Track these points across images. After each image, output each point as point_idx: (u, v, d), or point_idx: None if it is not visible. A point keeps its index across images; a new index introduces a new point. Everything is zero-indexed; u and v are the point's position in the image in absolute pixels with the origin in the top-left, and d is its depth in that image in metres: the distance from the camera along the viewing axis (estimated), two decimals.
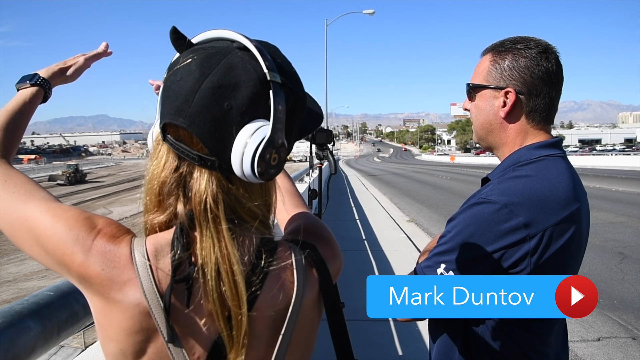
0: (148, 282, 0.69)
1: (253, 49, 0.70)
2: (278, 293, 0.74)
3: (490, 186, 1.13)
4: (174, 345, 0.70)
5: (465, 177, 30.59)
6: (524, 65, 1.16)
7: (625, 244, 8.59)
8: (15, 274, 15.45)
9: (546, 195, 1.08)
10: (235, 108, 0.68)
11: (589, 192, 1.29)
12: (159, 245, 0.72)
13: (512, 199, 1.06)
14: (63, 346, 7.85)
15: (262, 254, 0.74)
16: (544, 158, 1.15)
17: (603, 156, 50.22)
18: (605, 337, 4.68)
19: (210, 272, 0.69)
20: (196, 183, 0.71)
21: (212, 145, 0.69)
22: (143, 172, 0.79)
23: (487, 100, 1.21)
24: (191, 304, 0.70)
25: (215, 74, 0.68)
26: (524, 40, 1.18)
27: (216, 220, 0.71)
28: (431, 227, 11.49)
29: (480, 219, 1.07)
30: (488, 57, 1.22)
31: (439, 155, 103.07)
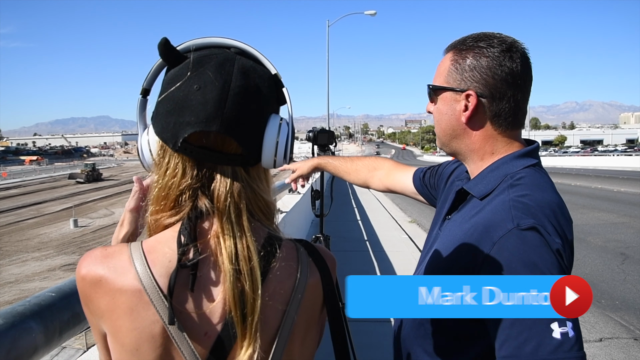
0: (143, 269, 0.71)
1: (255, 52, 0.77)
2: (283, 281, 0.77)
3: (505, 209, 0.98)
4: (177, 330, 0.70)
5: None
6: (486, 66, 1.04)
7: (627, 245, 8.58)
8: (17, 275, 15.48)
9: (562, 207, 1.02)
10: (261, 106, 0.75)
11: (590, 192, 1.28)
12: (160, 239, 0.75)
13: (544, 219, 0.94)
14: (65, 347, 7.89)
15: (269, 246, 0.77)
16: (530, 167, 1.07)
17: (605, 157, 50.16)
18: (607, 338, 4.67)
19: (228, 259, 0.71)
20: (220, 183, 0.75)
21: (248, 144, 0.74)
22: (144, 172, 0.79)
23: (449, 103, 1.10)
24: (195, 290, 0.72)
25: (236, 79, 0.72)
26: (487, 38, 1.06)
27: (239, 214, 0.75)
28: None
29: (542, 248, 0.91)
30: (449, 56, 1.10)
31: (441, 156, 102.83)
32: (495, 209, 0.99)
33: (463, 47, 1.08)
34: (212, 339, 0.73)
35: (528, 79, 1.07)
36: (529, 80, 1.07)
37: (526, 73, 1.06)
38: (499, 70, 1.03)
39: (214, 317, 0.73)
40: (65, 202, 32.59)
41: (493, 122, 1.07)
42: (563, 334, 0.82)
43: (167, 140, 0.74)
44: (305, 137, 2.81)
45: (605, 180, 22.50)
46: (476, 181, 1.10)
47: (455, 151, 1.15)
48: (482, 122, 1.08)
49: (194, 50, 0.76)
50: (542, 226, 0.92)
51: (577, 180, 23.65)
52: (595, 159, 46.48)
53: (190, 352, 0.71)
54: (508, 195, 1.00)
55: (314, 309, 0.82)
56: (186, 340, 0.71)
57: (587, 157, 49.96)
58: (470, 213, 1.06)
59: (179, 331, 0.71)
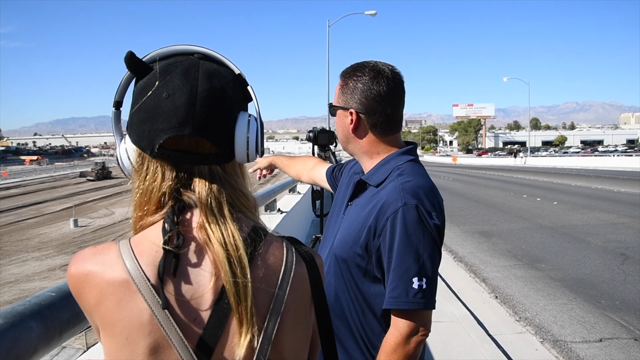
0: (130, 261, 0.74)
1: (217, 55, 0.83)
2: (270, 267, 0.80)
3: (394, 191, 1.34)
4: (165, 317, 0.72)
5: (467, 177, 30.56)
6: (361, 89, 1.39)
7: (627, 245, 8.58)
8: (17, 275, 15.48)
9: (435, 189, 1.42)
10: (228, 106, 0.80)
11: (590, 193, 1.36)
12: (147, 233, 0.78)
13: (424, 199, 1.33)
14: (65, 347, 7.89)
15: (255, 235, 0.81)
16: (410, 162, 1.43)
17: (605, 157, 50.07)
18: (607, 338, 4.67)
19: (218, 252, 0.74)
20: (199, 182, 0.79)
21: (221, 143, 0.79)
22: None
23: (342, 118, 1.46)
24: (183, 278, 0.75)
25: (202, 83, 0.77)
26: (361, 67, 1.41)
27: (221, 207, 0.78)
28: None
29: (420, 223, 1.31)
30: (339, 82, 1.46)
31: (441, 156, 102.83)
32: (389, 192, 1.34)
33: (347, 75, 1.43)
34: (201, 325, 0.74)
35: (396, 96, 1.41)
36: (396, 96, 1.41)
37: (393, 92, 1.40)
38: (369, 93, 1.39)
39: (203, 304, 0.75)
40: (65, 201, 32.60)
41: (372, 131, 1.43)
42: (420, 285, 1.25)
43: (144, 148, 0.78)
44: (306, 137, 2.81)
45: (605, 181, 22.52)
46: (371, 174, 1.44)
47: (352, 153, 1.51)
48: (365, 132, 1.44)
49: (160, 60, 0.80)
50: (422, 204, 1.30)
51: (578, 180, 23.67)
52: (596, 159, 46.42)
53: (179, 339, 0.72)
54: (398, 181, 1.35)
55: (302, 299, 0.83)
56: (174, 327, 0.72)
57: (587, 158, 49.86)
58: (369, 198, 1.41)
59: (167, 318, 0.72)
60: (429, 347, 4.13)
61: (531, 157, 59.19)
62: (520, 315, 5.39)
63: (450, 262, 7.91)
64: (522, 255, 8.26)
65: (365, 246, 1.34)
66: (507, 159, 64.63)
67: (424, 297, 1.25)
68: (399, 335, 1.27)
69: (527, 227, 10.91)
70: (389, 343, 1.28)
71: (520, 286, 6.47)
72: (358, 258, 1.37)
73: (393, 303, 1.27)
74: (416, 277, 1.25)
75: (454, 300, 5.55)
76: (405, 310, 1.27)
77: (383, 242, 1.30)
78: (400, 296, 1.26)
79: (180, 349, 0.72)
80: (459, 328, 4.62)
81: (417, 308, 1.26)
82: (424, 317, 1.28)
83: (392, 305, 1.28)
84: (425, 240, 1.28)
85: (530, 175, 30.23)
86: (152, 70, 0.79)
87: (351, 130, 1.44)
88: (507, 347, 4.30)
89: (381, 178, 1.40)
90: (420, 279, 1.25)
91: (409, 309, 1.26)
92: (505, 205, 15.08)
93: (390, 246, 1.29)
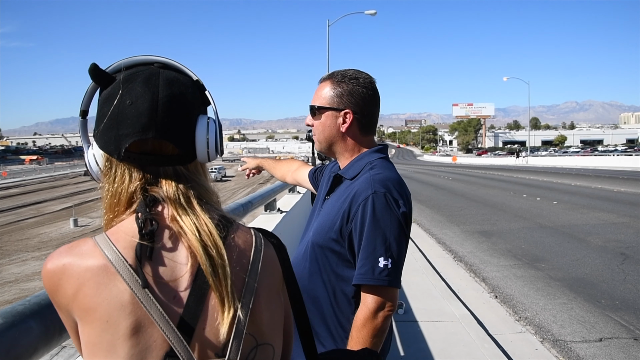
0: (108, 247, 0.78)
1: (176, 64, 0.89)
2: (241, 250, 0.87)
3: (366, 182, 1.49)
4: (146, 295, 0.76)
5: (467, 177, 30.57)
6: (358, 93, 1.56)
7: (627, 245, 8.58)
8: (17, 274, 15.48)
9: (402, 182, 1.55)
10: (188, 110, 0.86)
11: (590, 192, 1.36)
12: (121, 226, 0.83)
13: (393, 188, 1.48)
14: (65, 347, 7.89)
15: (224, 223, 0.88)
16: (382, 159, 1.59)
17: (605, 157, 50.09)
18: (607, 338, 4.67)
19: (193, 238, 0.80)
20: (165, 181, 0.85)
21: (182, 144, 0.85)
22: None
23: (330, 118, 1.59)
24: (159, 262, 0.80)
25: (163, 90, 0.83)
26: (351, 73, 1.59)
27: (189, 200, 0.85)
28: (433, 227, 11.49)
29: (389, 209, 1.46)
30: (329, 85, 1.59)
31: (441, 155, 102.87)
32: (361, 183, 1.49)
33: (338, 79, 1.58)
34: (181, 304, 0.79)
35: (378, 101, 1.63)
36: (378, 102, 1.64)
37: (377, 97, 1.63)
38: (365, 96, 1.57)
39: (181, 285, 0.80)
40: (65, 201, 32.60)
41: (360, 131, 1.61)
42: (385, 264, 1.39)
43: (112, 153, 0.84)
44: (306, 136, 2.81)
45: (605, 180, 22.52)
46: (347, 169, 1.61)
47: (335, 152, 1.65)
48: (354, 132, 1.60)
49: (122, 70, 0.87)
50: (389, 192, 1.45)
51: (577, 180, 23.68)
52: (596, 159, 46.43)
53: (161, 315, 0.76)
54: (369, 174, 1.51)
55: (273, 278, 0.91)
56: (155, 305, 0.76)
57: (587, 157, 49.88)
58: (344, 190, 1.56)
59: (148, 296, 0.76)
60: (429, 347, 4.13)
61: (531, 156, 59.16)
62: (520, 314, 5.39)
63: (450, 262, 7.91)
64: (522, 254, 8.26)
65: (340, 231, 1.48)
66: (507, 158, 64.64)
67: (388, 275, 1.39)
68: (367, 310, 1.39)
69: (527, 227, 10.92)
70: (359, 319, 1.41)
71: (520, 286, 6.48)
72: (333, 243, 1.50)
73: (361, 279, 1.41)
74: (382, 257, 1.39)
75: (453, 300, 5.56)
76: (372, 287, 1.40)
77: (354, 226, 1.45)
78: (367, 273, 1.40)
79: (163, 325, 0.76)
80: (459, 328, 4.62)
81: (382, 284, 1.39)
82: (390, 294, 1.41)
83: (360, 281, 1.42)
84: (392, 225, 1.42)
85: (530, 174, 30.24)
86: (116, 80, 0.85)
87: (343, 130, 1.59)
88: (507, 346, 4.31)
89: (355, 172, 1.56)
90: (386, 258, 1.39)
91: (375, 285, 1.40)
92: (505, 204, 15.09)
93: (360, 229, 1.43)
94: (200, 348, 0.79)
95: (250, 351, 0.83)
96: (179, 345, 0.76)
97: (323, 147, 1.66)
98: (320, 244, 1.53)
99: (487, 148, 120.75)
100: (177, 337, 0.76)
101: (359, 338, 1.39)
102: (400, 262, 1.43)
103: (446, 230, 11.12)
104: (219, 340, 0.80)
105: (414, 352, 4.05)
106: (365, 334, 1.38)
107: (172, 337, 0.76)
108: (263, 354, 0.85)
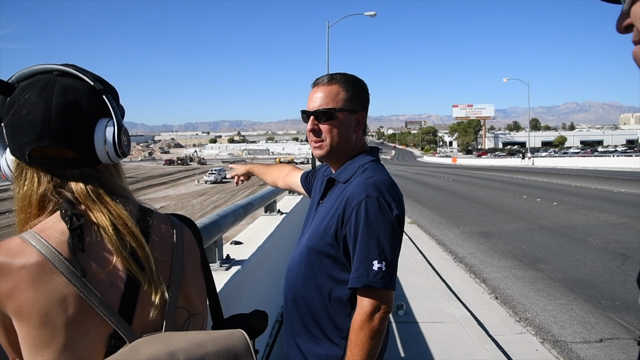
0: (40, 243, 0.83)
1: (74, 71, 0.92)
2: (164, 236, 0.98)
3: (359, 186, 1.51)
4: (85, 286, 0.82)
5: (467, 178, 30.56)
6: (365, 96, 1.65)
7: (627, 245, 8.57)
8: None
9: (394, 184, 1.56)
10: (84, 116, 0.90)
11: (590, 193, 1.37)
12: (46, 224, 0.88)
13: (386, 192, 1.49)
14: None
15: (144, 213, 0.98)
16: (373, 161, 1.61)
17: (605, 157, 49.98)
18: (608, 339, 4.67)
19: (110, 231, 0.88)
20: (73, 181, 0.91)
21: (80, 149, 0.90)
22: (145, 173, 0.86)
23: (346, 120, 1.60)
24: (91, 254, 0.86)
25: (57, 97, 0.88)
26: (353, 76, 1.64)
27: (100, 197, 0.91)
28: (433, 228, 11.49)
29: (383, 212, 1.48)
30: (339, 87, 1.60)
31: (441, 156, 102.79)
32: (354, 187, 1.51)
33: (348, 82, 1.61)
34: (119, 290, 0.87)
35: None
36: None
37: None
38: (368, 98, 1.68)
39: (116, 273, 0.88)
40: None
41: (363, 132, 1.68)
42: (379, 267, 1.40)
43: (19, 158, 0.90)
44: (305, 137, 2.82)
45: (605, 181, 22.50)
46: (340, 172, 1.63)
47: (343, 152, 1.64)
48: (360, 133, 1.66)
49: (23, 79, 0.91)
50: (382, 196, 1.46)
51: (577, 181, 23.67)
52: (595, 159, 46.38)
53: (101, 302, 0.83)
54: (362, 177, 1.52)
55: (195, 256, 1.04)
56: (95, 293, 0.83)
57: (587, 158, 49.79)
58: (338, 193, 1.57)
59: (86, 285, 0.82)
60: (430, 348, 4.13)
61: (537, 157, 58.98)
62: (521, 315, 5.39)
63: (450, 263, 7.91)
64: (522, 255, 8.26)
65: (335, 235, 1.50)
66: (508, 159, 64.52)
67: (382, 277, 1.40)
68: (364, 313, 1.42)
69: (527, 228, 10.92)
70: (356, 322, 1.43)
71: (521, 287, 6.47)
72: (328, 247, 1.51)
73: (355, 282, 1.43)
74: (376, 260, 1.41)
75: (454, 301, 5.56)
76: (368, 290, 1.42)
77: (349, 230, 1.46)
78: (362, 276, 1.41)
79: (104, 310, 0.83)
80: (459, 328, 4.62)
81: (377, 287, 1.41)
82: (385, 296, 1.43)
83: (355, 284, 1.43)
84: (385, 228, 1.43)
85: (530, 175, 30.23)
86: (16, 90, 0.90)
87: (357, 131, 1.64)
88: (508, 347, 4.30)
89: (348, 175, 1.59)
90: (380, 261, 1.41)
91: (370, 288, 1.41)
92: (505, 205, 15.08)
93: (354, 233, 1.45)
94: (141, 326, 0.89)
95: (184, 322, 0.96)
96: (122, 326, 0.85)
97: (335, 150, 1.62)
98: (316, 249, 1.53)
99: (487, 149, 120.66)
100: (120, 320, 0.85)
101: (357, 341, 1.41)
102: (394, 264, 1.45)
103: (446, 231, 11.11)
104: (156, 318, 0.90)
105: (414, 353, 4.05)
106: (363, 337, 1.40)
107: (115, 320, 0.84)
108: (195, 322, 0.99)
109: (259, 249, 3.42)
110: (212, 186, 44.55)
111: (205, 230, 2.38)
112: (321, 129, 1.60)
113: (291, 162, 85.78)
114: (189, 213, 26.06)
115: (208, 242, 2.47)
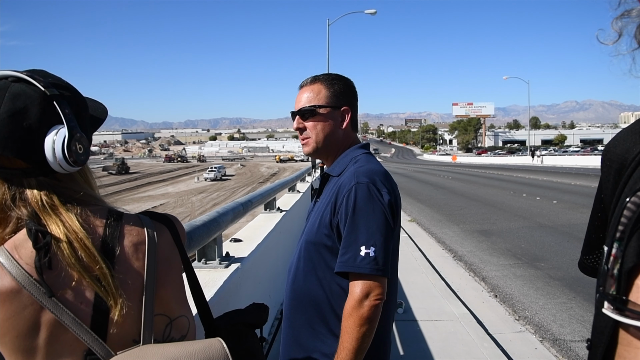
0: (9, 263, 0.82)
1: (26, 77, 0.88)
2: (134, 242, 0.93)
3: (350, 176, 1.53)
4: (55, 305, 0.81)
5: (466, 176, 30.56)
6: (350, 92, 1.69)
7: None
8: None
9: (387, 173, 1.58)
10: (33, 124, 0.86)
11: (590, 192, 1.37)
12: (17, 240, 0.85)
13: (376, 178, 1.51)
14: None
15: (112, 217, 0.93)
16: (365, 153, 1.65)
17: None
18: None
19: (64, 245, 0.84)
20: (29, 190, 0.88)
21: (30, 158, 0.86)
22: (145, 171, 0.84)
23: (328, 117, 1.64)
24: (59, 271, 0.84)
25: (5, 105, 0.84)
26: (336, 75, 1.70)
27: (54, 209, 0.88)
28: (432, 226, 11.49)
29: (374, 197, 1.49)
30: (321, 85, 1.66)
31: (441, 155, 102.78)
32: (346, 177, 1.54)
33: (328, 80, 1.67)
34: (90, 305, 0.85)
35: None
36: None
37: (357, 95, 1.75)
38: (355, 94, 1.72)
39: (83, 289, 0.86)
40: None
41: (352, 127, 1.70)
42: (367, 252, 1.39)
43: None
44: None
45: None
46: (333, 167, 1.68)
47: (330, 149, 1.68)
48: (348, 128, 1.68)
49: None
50: (373, 183, 1.47)
51: (577, 179, 23.67)
52: (595, 158, 46.24)
53: (73, 320, 0.82)
54: (353, 167, 1.56)
55: (172, 259, 0.98)
56: (65, 312, 0.81)
57: (587, 157, 49.72)
58: (331, 187, 1.60)
59: (57, 305, 0.81)
60: (429, 346, 4.14)
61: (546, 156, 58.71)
62: (520, 314, 5.39)
63: (450, 261, 7.92)
64: (522, 254, 8.27)
65: (329, 224, 1.51)
66: (514, 157, 64.46)
67: (370, 263, 1.38)
68: (352, 299, 1.40)
69: (526, 226, 10.92)
70: (346, 309, 1.41)
71: (520, 285, 6.48)
72: (325, 238, 1.52)
73: (342, 267, 1.43)
74: (364, 245, 1.40)
75: (453, 299, 5.56)
76: (356, 275, 1.41)
77: (340, 217, 1.47)
78: (348, 261, 1.41)
79: (76, 329, 0.81)
80: (459, 327, 4.63)
81: (363, 272, 1.39)
82: (374, 282, 1.40)
83: (340, 269, 1.43)
84: (374, 214, 1.43)
85: (530, 174, 30.23)
86: None
87: (343, 127, 1.67)
88: (507, 346, 4.31)
89: (341, 168, 1.62)
90: (367, 247, 1.39)
91: (359, 273, 1.40)
92: (505, 204, 15.09)
93: (345, 219, 1.45)
94: (117, 340, 0.86)
95: (165, 329, 0.93)
96: (95, 344, 0.83)
97: (321, 146, 1.67)
98: (313, 241, 1.54)
99: (487, 147, 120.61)
100: (93, 337, 0.83)
101: (346, 327, 1.39)
102: (385, 250, 1.42)
103: (446, 229, 11.12)
104: (132, 330, 0.88)
105: (413, 352, 4.06)
106: (351, 323, 1.38)
107: (87, 339, 0.83)
108: (178, 327, 0.96)
109: (258, 247, 3.42)
110: (212, 183, 44.50)
111: (204, 228, 2.37)
112: (306, 126, 1.66)
113: (291, 159, 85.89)
114: (189, 210, 26.08)
115: (207, 240, 2.47)
